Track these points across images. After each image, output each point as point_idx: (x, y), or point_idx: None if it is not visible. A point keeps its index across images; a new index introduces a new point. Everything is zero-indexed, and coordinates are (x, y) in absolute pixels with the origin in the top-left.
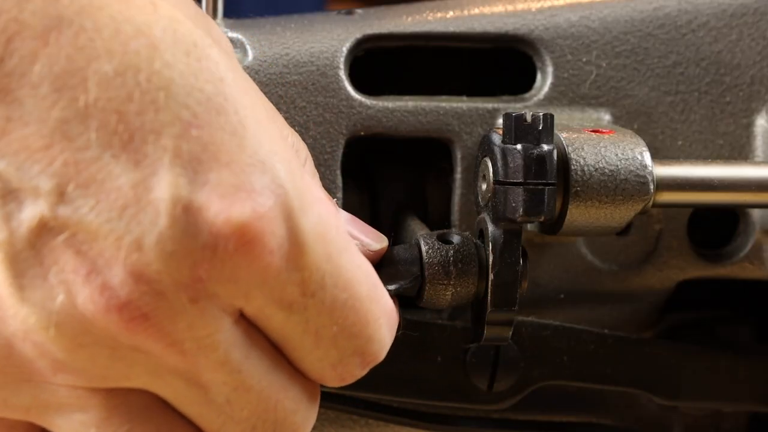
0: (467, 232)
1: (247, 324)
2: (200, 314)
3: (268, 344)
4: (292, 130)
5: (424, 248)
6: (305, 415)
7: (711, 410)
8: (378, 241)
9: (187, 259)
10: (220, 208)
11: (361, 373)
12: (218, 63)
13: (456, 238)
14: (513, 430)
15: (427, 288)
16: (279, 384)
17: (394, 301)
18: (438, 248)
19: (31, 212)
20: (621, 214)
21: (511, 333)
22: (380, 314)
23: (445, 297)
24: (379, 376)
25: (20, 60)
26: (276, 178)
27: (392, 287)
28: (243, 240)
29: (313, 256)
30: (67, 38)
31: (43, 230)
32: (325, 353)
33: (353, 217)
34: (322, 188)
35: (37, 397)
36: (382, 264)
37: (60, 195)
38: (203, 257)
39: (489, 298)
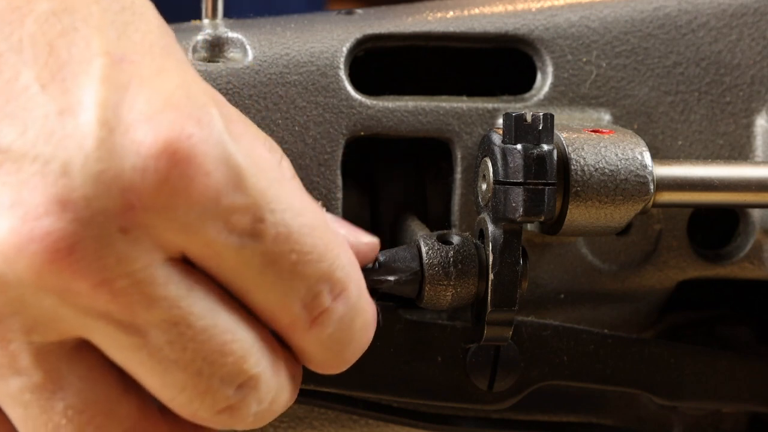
0: (467, 233)
1: (188, 267)
2: (130, 246)
3: (215, 285)
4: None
5: (424, 249)
6: (263, 367)
7: (711, 410)
8: (368, 235)
9: (116, 182)
10: (148, 128)
11: (333, 306)
12: (151, 21)
13: (456, 239)
14: (513, 430)
15: (427, 288)
16: (227, 324)
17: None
18: (438, 249)
19: None
20: (621, 214)
21: (511, 333)
22: (337, 243)
23: (446, 297)
24: (380, 376)
25: None
26: (204, 105)
27: (392, 278)
28: (174, 159)
29: (254, 179)
30: None
31: None
32: (290, 285)
33: (341, 219)
34: (303, 190)
35: None
36: (383, 264)
37: None
38: (133, 180)
39: (489, 298)
